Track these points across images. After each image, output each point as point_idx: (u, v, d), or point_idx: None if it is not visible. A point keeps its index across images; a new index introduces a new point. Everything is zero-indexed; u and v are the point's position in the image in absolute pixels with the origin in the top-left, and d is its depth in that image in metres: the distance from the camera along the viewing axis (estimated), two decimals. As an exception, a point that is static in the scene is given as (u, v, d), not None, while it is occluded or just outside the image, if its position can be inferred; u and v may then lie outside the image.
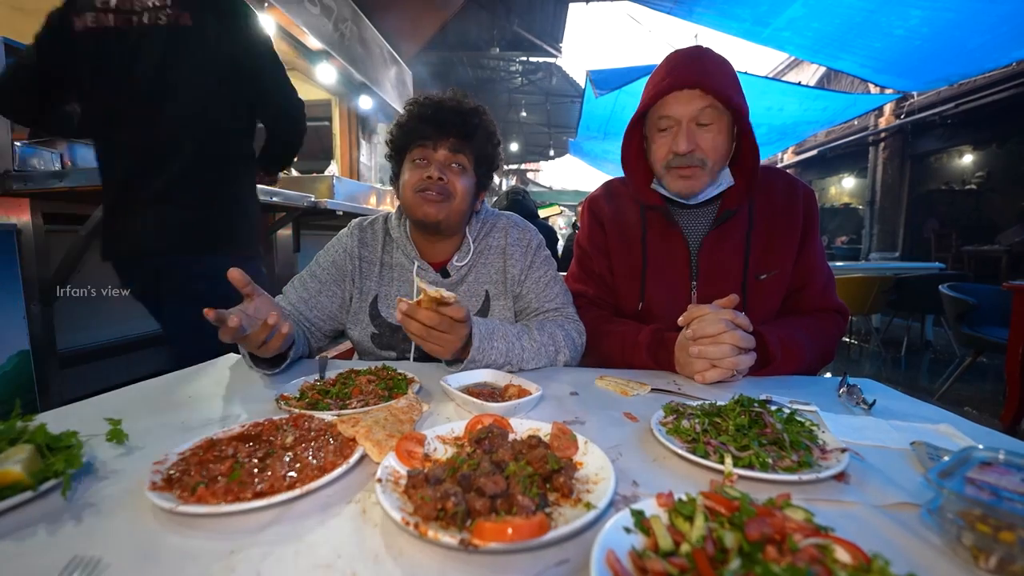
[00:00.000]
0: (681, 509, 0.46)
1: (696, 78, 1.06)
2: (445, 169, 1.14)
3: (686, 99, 1.08)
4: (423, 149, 1.15)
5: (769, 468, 0.58)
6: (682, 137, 1.08)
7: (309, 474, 0.55)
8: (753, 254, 1.18)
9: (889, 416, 0.81)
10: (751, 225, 1.20)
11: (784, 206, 1.20)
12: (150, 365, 2.63)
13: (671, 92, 1.09)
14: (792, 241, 1.19)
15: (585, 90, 6.17)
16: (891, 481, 0.57)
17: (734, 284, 1.18)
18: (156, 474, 0.54)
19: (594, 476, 0.55)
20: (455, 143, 1.15)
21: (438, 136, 1.14)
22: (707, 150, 1.09)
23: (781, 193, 1.21)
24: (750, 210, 1.21)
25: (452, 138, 1.15)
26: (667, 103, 1.10)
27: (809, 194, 1.23)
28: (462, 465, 0.53)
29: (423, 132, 1.15)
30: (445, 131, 1.14)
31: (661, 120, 1.12)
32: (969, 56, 4.85)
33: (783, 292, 1.20)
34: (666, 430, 0.69)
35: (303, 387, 0.86)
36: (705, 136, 1.09)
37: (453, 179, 1.15)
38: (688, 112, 1.08)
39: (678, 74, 1.08)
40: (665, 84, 1.08)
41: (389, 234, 1.28)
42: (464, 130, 1.16)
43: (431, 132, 1.14)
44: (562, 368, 1.12)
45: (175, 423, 0.76)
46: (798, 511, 0.45)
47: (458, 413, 0.81)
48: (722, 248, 1.19)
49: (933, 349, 5.55)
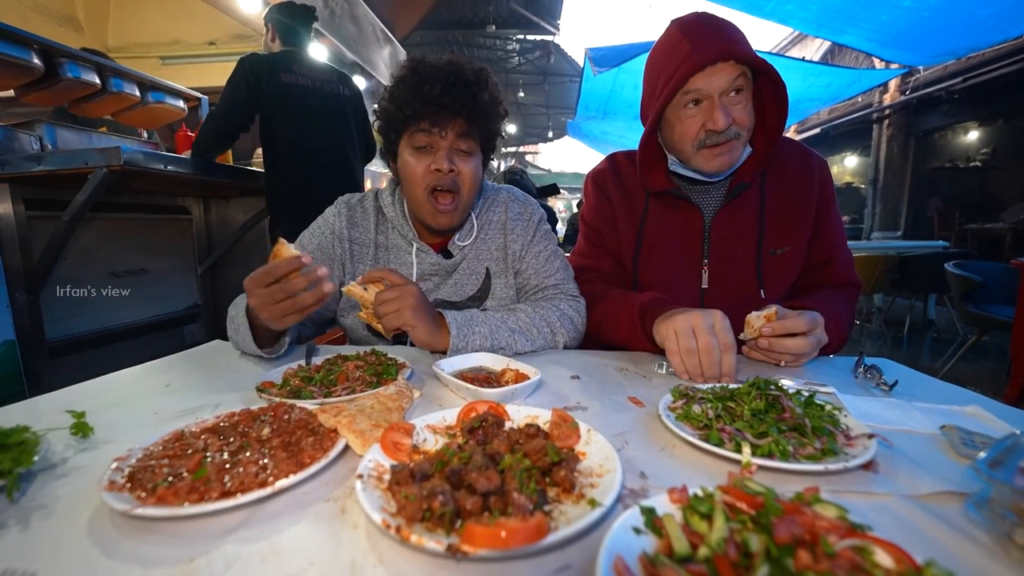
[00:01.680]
0: (697, 506, 0.41)
1: (727, 48, 0.97)
2: (453, 156, 1.04)
3: (719, 72, 0.99)
4: (427, 135, 1.02)
5: (790, 457, 0.53)
6: (719, 112, 0.99)
7: (284, 470, 0.50)
8: (768, 228, 1.12)
9: (910, 398, 0.76)
10: (763, 198, 1.13)
11: (798, 179, 1.14)
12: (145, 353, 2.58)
13: (703, 68, 0.98)
14: (807, 214, 1.13)
15: (584, 68, 6.01)
16: (924, 468, 0.52)
17: (748, 260, 1.13)
18: (116, 472, 0.49)
19: (598, 468, 0.50)
20: (463, 126, 1.03)
21: (445, 120, 1.01)
22: (742, 121, 1.02)
23: (795, 164, 1.15)
24: (762, 183, 1.14)
25: (460, 119, 1.02)
26: (697, 80, 1.00)
27: (824, 165, 1.17)
28: (452, 458, 0.48)
29: (427, 115, 1.00)
30: (452, 113, 1.01)
31: (688, 95, 1.02)
32: (978, 28, 4.72)
33: (798, 267, 1.15)
34: (675, 416, 0.64)
35: (286, 374, 0.81)
36: (738, 108, 1.01)
37: (462, 167, 1.05)
38: (721, 85, 0.99)
39: (706, 47, 0.98)
40: (696, 59, 0.98)
41: (382, 212, 1.19)
42: (473, 109, 1.02)
43: (437, 115, 1.00)
44: (562, 351, 1.07)
45: (147, 414, 0.71)
46: (830, 507, 0.40)
47: (452, 400, 0.75)
48: (735, 224, 1.13)
49: (936, 328, 5.51)
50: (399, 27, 7.12)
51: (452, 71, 1.01)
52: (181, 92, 3.11)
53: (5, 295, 1.86)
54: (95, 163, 1.80)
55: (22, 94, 2.40)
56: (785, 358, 0.91)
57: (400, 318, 0.90)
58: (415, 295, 0.92)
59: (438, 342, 0.94)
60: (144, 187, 2.55)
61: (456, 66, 1.03)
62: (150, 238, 2.69)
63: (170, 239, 2.86)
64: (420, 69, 1.02)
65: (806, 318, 0.88)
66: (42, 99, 2.46)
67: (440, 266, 1.15)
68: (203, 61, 5.98)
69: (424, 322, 0.92)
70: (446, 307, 1.15)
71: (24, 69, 2.18)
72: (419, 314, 0.92)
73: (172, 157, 2.10)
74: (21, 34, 2.12)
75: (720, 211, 1.14)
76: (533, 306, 1.08)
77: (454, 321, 0.95)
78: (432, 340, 0.94)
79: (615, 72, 5.72)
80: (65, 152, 1.91)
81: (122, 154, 1.78)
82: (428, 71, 1.01)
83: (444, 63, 1.04)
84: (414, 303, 0.91)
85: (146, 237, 2.68)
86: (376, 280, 0.95)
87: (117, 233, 2.51)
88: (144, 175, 2.02)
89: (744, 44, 1.00)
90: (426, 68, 1.02)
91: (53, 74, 2.29)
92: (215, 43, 5.97)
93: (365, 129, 2.81)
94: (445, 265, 1.15)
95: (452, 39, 9.72)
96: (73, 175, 1.85)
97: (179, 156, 2.34)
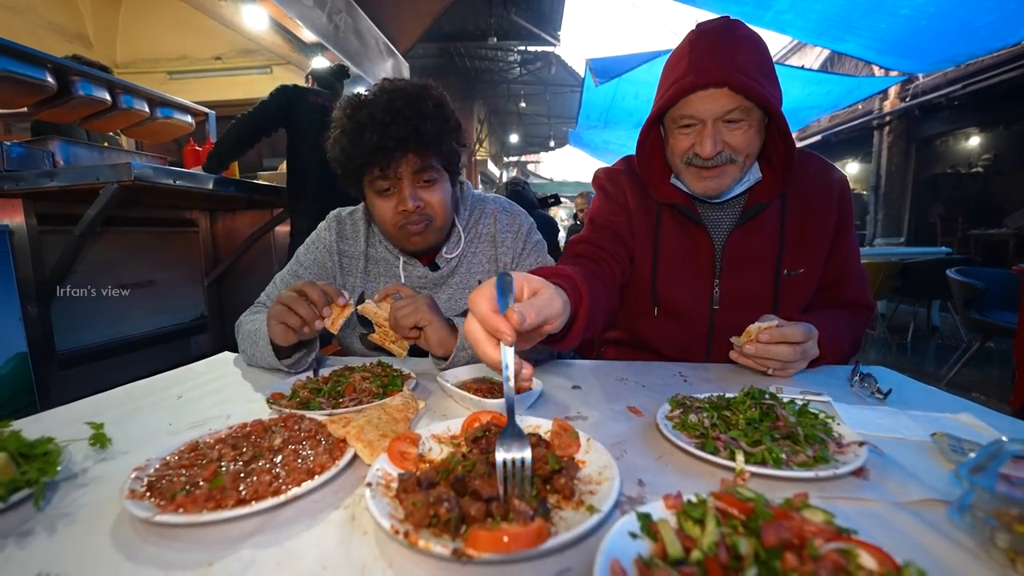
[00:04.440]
0: (691, 512, 0.43)
1: (723, 75, 0.91)
2: (416, 191, 1.03)
3: (712, 99, 0.94)
4: (385, 180, 1.01)
5: (783, 464, 0.54)
6: (707, 140, 0.95)
7: (296, 478, 0.52)
8: (787, 251, 1.08)
9: (905, 406, 0.77)
10: (784, 218, 1.09)
11: (818, 198, 1.10)
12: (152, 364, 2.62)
13: (694, 91, 0.95)
14: (825, 235, 1.09)
15: (585, 79, 6.08)
16: (913, 476, 0.54)
17: (764, 282, 1.09)
18: (136, 481, 0.52)
19: (597, 476, 0.52)
20: (416, 159, 1.00)
21: (395, 160, 0.99)
22: (738, 146, 0.97)
23: (815, 182, 1.11)
24: (783, 203, 1.10)
25: (411, 155, 1.00)
26: (689, 102, 0.96)
27: (843, 182, 1.12)
28: (456, 467, 0.50)
29: (377, 161, 0.99)
30: (400, 152, 0.98)
31: (683, 118, 0.98)
32: (976, 35, 4.75)
33: (813, 288, 1.12)
34: (672, 425, 0.66)
35: (295, 385, 0.83)
36: (735, 133, 0.96)
37: (428, 197, 1.04)
38: (714, 111, 0.95)
39: (703, 69, 0.93)
40: (687, 82, 0.94)
41: (371, 225, 1.21)
42: (420, 140, 0.99)
43: (386, 160, 0.98)
44: (563, 362, 1.09)
45: (162, 425, 0.73)
46: (817, 512, 0.41)
47: (456, 410, 0.78)
48: (750, 244, 1.09)
49: (940, 335, 5.49)
50: (402, 40, 7.23)
51: (388, 108, 0.98)
52: (189, 107, 3.18)
53: (18, 308, 1.90)
54: (107, 178, 1.85)
55: (35, 111, 2.47)
56: (772, 365, 0.90)
57: (417, 313, 0.90)
58: (429, 299, 0.95)
59: (450, 343, 0.94)
60: (153, 201, 2.60)
61: (391, 98, 0.99)
62: (158, 250, 2.74)
63: (177, 251, 2.91)
64: (356, 116, 1.00)
65: (801, 328, 0.87)
66: (55, 116, 2.53)
67: (427, 279, 1.16)
68: (209, 76, 6.10)
69: (439, 320, 0.93)
70: None
71: (38, 87, 2.24)
72: (434, 312, 0.93)
73: (181, 172, 2.15)
74: (35, 54, 2.18)
75: (735, 231, 1.09)
76: None
77: (460, 322, 0.97)
78: (446, 339, 0.93)
79: (615, 82, 5.78)
80: (77, 168, 1.96)
81: (133, 170, 1.83)
82: (362, 118, 0.99)
83: (381, 99, 1.00)
84: (429, 303, 0.94)
85: (154, 250, 2.73)
86: (388, 296, 0.98)
87: (126, 246, 2.56)
88: (154, 190, 2.06)
89: (748, 72, 0.93)
90: (360, 114, 0.99)
91: (66, 92, 2.36)
92: (221, 58, 6.09)
93: None
94: (432, 278, 1.17)
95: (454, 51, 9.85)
96: (85, 190, 1.90)
97: (188, 171, 2.39)
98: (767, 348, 0.88)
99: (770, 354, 0.88)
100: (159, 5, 5.68)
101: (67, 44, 5.24)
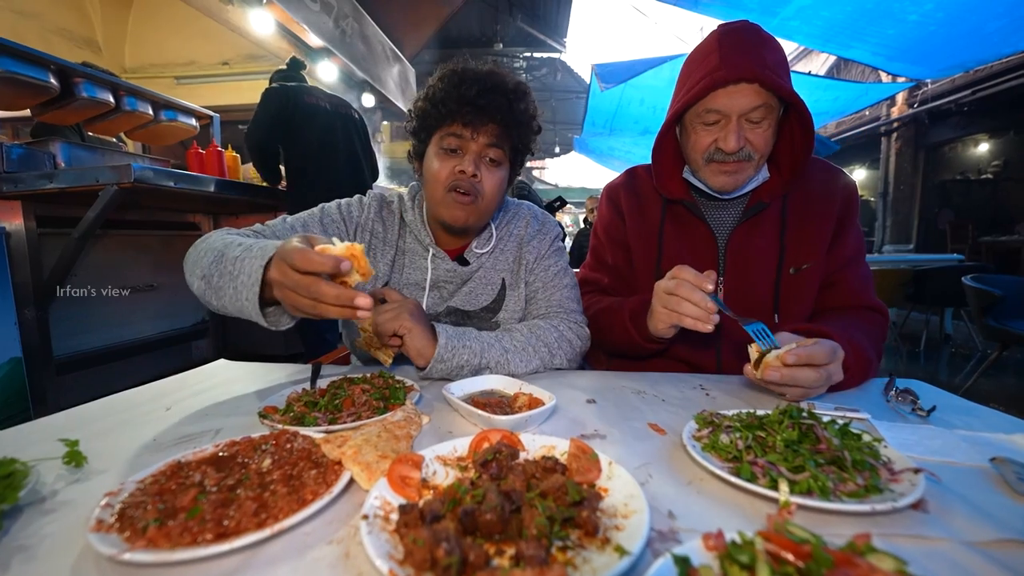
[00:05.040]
0: (736, 555, 0.37)
1: (756, 71, 0.93)
2: (479, 162, 1.02)
3: (741, 94, 0.96)
4: (458, 138, 1.01)
5: (830, 495, 0.48)
6: (731, 135, 0.97)
7: (285, 508, 0.46)
8: (788, 250, 1.08)
9: (945, 424, 0.71)
10: (785, 216, 1.10)
11: (821, 198, 1.09)
12: (153, 370, 2.57)
13: (725, 86, 0.96)
14: (825, 231, 1.08)
15: (590, 84, 6.05)
16: (979, 509, 0.48)
17: (766, 279, 1.08)
18: (106, 509, 0.46)
19: (622, 507, 0.46)
20: (496, 132, 1.01)
21: (478, 123, 0.99)
22: (757, 145, 0.99)
23: (819, 184, 1.11)
24: (784, 203, 1.11)
25: (493, 125, 1.00)
26: (718, 96, 0.97)
27: (850, 185, 1.12)
28: (464, 496, 0.45)
29: (461, 115, 0.99)
30: (486, 117, 0.99)
31: (708, 114, 1.00)
32: (986, 41, 4.70)
33: (817, 287, 1.10)
34: (701, 446, 0.60)
35: (289, 398, 0.78)
36: (756, 131, 0.98)
37: (486, 176, 1.02)
38: (741, 107, 0.96)
39: (734, 64, 0.95)
40: (719, 76, 0.95)
41: (403, 217, 1.17)
42: (508, 117, 1.01)
43: (471, 117, 0.99)
44: (576, 371, 1.03)
45: (145, 441, 0.68)
46: (886, 559, 0.35)
47: (462, 426, 0.72)
48: (753, 242, 1.09)
49: (953, 343, 5.38)
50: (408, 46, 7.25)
51: (492, 78, 1.02)
52: (193, 110, 3.16)
53: (13, 312, 1.87)
54: (106, 180, 1.82)
55: (38, 113, 2.45)
56: (794, 393, 0.79)
57: (398, 320, 0.89)
58: (413, 305, 0.94)
59: (429, 351, 0.91)
60: (154, 204, 2.57)
61: (497, 74, 1.03)
62: (159, 254, 2.71)
63: (179, 255, 2.83)
64: (461, 71, 1.03)
65: (827, 348, 0.76)
66: (57, 118, 2.51)
67: (455, 273, 1.12)
68: (217, 81, 6.13)
69: (420, 327, 0.91)
70: (459, 316, 1.12)
71: (41, 89, 2.22)
72: (416, 320, 0.91)
73: (182, 174, 2.11)
74: (38, 55, 2.16)
75: (736, 229, 1.11)
76: (530, 326, 1.05)
77: (444, 331, 0.93)
78: (425, 347, 0.91)
79: (621, 88, 5.74)
80: (77, 170, 1.92)
81: (133, 172, 1.79)
82: (468, 74, 1.02)
83: (486, 70, 1.03)
84: (412, 310, 0.92)
85: (155, 253, 2.69)
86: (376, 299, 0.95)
87: (127, 249, 2.53)
88: (155, 192, 2.03)
89: (775, 70, 0.96)
90: (466, 71, 1.03)
91: (69, 93, 2.33)
92: (228, 63, 6.11)
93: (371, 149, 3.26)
94: (460, 272, 1.12)
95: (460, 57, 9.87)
96: (84, 192, 1.86)
97: (189, 173, 2.36)
98: (792, 374, 0.76)
99: (795, 380, 0.76)
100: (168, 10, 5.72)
101: (76, 49, 5.28)
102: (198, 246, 0.93)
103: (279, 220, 1.10)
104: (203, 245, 0.91)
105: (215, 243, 0.88)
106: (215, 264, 0.82)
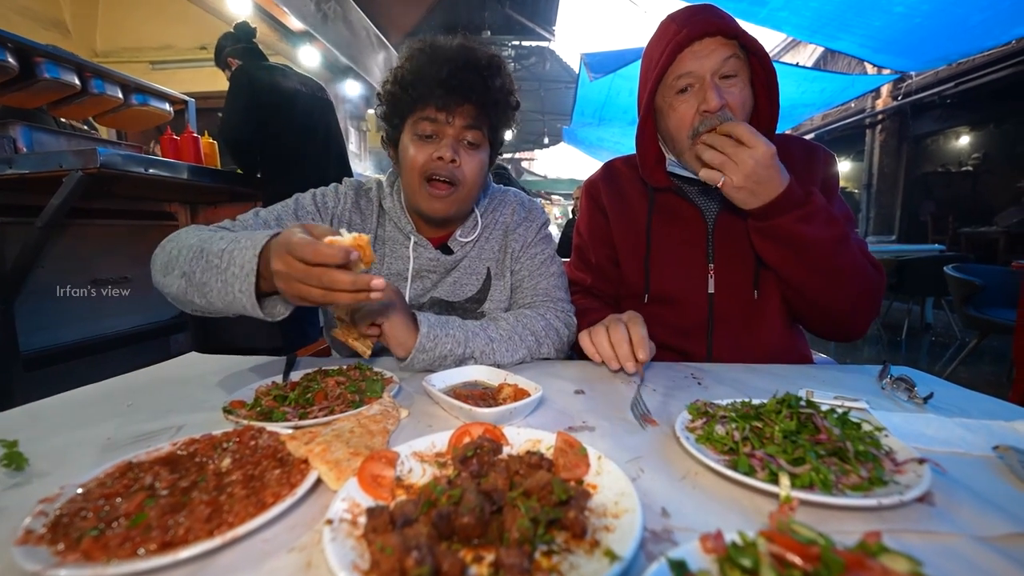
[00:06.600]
0: (737, 557, 0.34)
1: (716, 23, 0.93)
2: (457, 147, 0.97)
3: (707, 50, 0.94)
4: (432, 123, 0.95)
5: (833, 488, 0.45)
6: (712, 92, 0.93)
7: (242, 512, 0.42)
8: None
9: (943, 412, 0.69)
10: None
11: (802, 171, 1.07)
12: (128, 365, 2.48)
13: (690, 44, 0.95)
14: None
15: (579, 74, 5.98)
16: (987, 501, 0.45)
17: (748, 262, 1.07)
18: (38, 518, 0.41)
19: (613, 506, 0.42)
20: (472, 113, 0.95)
21: (453, 105, 0.93)
22: (736, 107, 0.95)
23: (799, 159, 1.09)
24: None
25: (469, 105, 0.94)
26: (684, 60, 0.96)
27: (829, 158, 1.12)
28: (440, 496, 0.41)
29: (434, 98, 0.93)
30: (461, 98, 0.93)
31: (680, 80, 0.97)
32: (969, 33, 4.74)
33: None
34: (695, 438, 0.56)
35: (258, 391, 0.73)
36: (731, 91, 0.95)
37: (466, 160, 0.97)
38: (711, 64, 0.94)
39: (695, 24, 0.95)
40: (683, 36, 0.94)
41: (381, 204, 1.12)
42: (484, 95, 0.95)
43: (444, 99, 0.92)
44: (564, 361, 1.00)
45: (98, 440, 0.62)
46: (899, 559, 0.32)
47: (443, 420, 0.68)
48: (738, 224, 1.07)
49: (934, 332, 5.49)
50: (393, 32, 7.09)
51: (464, 54, 0.94)
52: (167, 95, 3.03)
53: (-27, 305, 1.77)
54: (70, 166, 1.72)
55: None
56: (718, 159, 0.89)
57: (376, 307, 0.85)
58: (392, 292, 0.90)
59: (410, 340, 0.87)
60: (127, 192, 2.46)
61: (468, 50, 0.96)
62: (134, 245, 2.59)
63: (155, 246, 2.76)
64: (429, 50, 0.96)
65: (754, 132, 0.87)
66: (19, 100, 2.38)
67: (439, 262, 1.07)
68: (194, 66, 5.91)
69: (400, 316, 0.88)
70: (443, 307, 1.08)
71: (-2, 69, 2.09)
72: (395, 308, 0.87)
73: (153, 160, 2.02)
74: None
75: (722, 212, 1.09)
76: (516, 315, 1.02)
77: (426, 320, 0.89)
78: (405, 336, 0.87)
79: (611, 78, 5.68)
80: (39, 155, 1.82)
81: (99, 156, 1.70)
82: (438, 52, 0.95)
83: (456, 45, 0.96)
84: (391, 297, 0.88)
85: (129, 244, 2.58)
86: None
87: (99, 239, 2.41)
88: (125, 179, 1.93)
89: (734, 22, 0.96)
90: (436, 49, 0.96)
91: (30, 74, 2.21)
92: (206, 47, 5.89)
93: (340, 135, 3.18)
94: (444, 261, 1.07)
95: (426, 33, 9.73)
96: (48, 178, 1.76)
97: (161, 159, 2.26)
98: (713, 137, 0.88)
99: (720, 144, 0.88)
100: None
101: (42, 31, 5.03)
102: (165, 246, 0.90)
103: (251, 214, 1.04)
104: (172, 244, 0.88)
105: (188, 240, 0.84)
106: (196, 260, 0.78)
